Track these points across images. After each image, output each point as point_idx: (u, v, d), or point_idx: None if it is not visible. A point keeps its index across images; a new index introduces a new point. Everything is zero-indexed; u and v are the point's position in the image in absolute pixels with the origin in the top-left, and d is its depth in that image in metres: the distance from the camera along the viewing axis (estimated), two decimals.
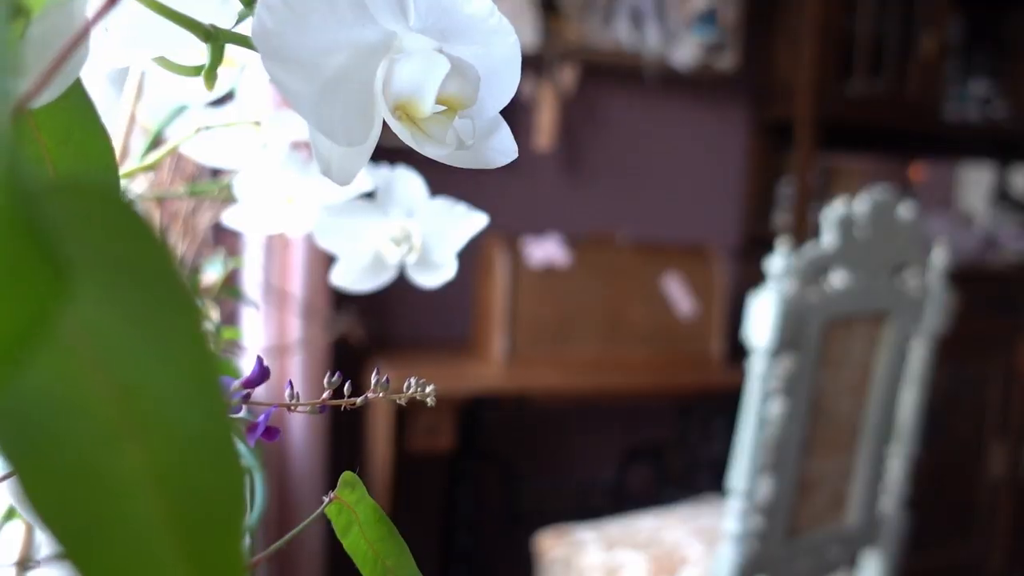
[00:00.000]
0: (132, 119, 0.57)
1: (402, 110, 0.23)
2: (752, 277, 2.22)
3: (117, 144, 0.57)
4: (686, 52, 2.20)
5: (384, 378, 0.29)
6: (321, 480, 1.90)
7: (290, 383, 0.25)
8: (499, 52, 0.26)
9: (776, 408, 1.28)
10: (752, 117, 2.46)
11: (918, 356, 1.47)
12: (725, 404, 1.98)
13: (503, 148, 0.26)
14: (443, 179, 2.25)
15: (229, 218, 0.49)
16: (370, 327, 2.17)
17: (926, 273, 1.44)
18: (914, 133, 2.43)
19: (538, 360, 1.91)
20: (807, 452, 1.36)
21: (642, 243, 2.10)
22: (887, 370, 1.43)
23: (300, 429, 1.84)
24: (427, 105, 0.23)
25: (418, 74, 0.22)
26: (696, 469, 2.23)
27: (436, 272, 0.46)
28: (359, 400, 0.28)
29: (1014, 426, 2.43)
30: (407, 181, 0.49)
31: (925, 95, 2.31)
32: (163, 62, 0.25)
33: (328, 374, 0.33)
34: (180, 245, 0.78)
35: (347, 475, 0.25)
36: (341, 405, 0.27)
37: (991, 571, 2.48)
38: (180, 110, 0.56)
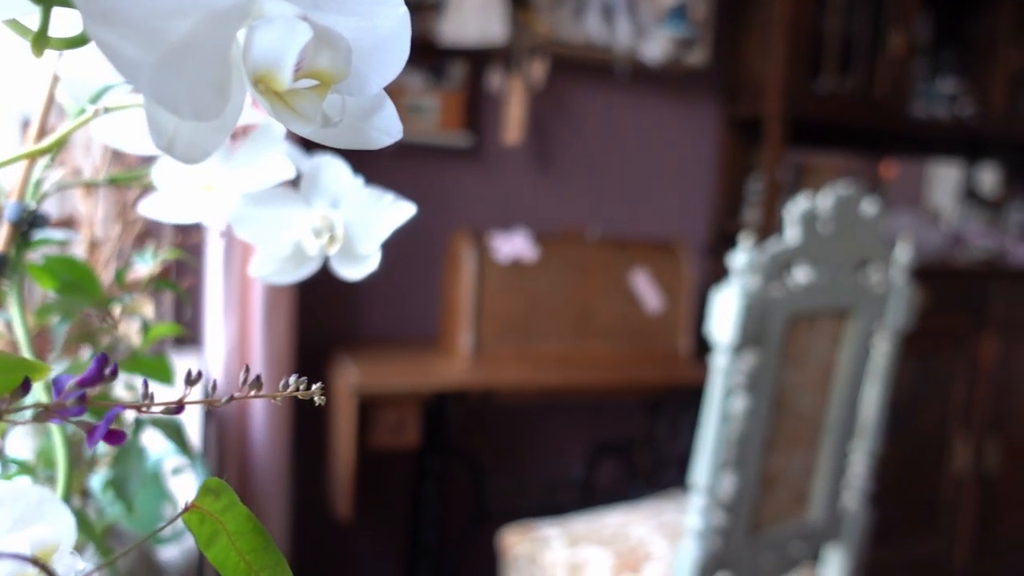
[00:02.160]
0: (50, 100, 0.55)
1: (263, 82, 0.21)
2: (721, 273, 2.22)
3: (33, 126, 0.54)
4: (656, 47, 2.19)
5: (256, 376, 0.27)
6: (284, 478, 1.87)
7: (144, 382, 0.23)
8: (385, 25, 0.24)
9: (739, 404, 1.27)
10: (722, 113, 2.45)
11: (881, 352, 1.47)
12: (693, 400, 1.97)
13: (387, 128, 0.24)
14: (411, 172, 2.23)
15: (146, 207, 0.47)
16: (337, 323, 2.14)
17: (889, 269, 1.44)
18: (883, 130, 2.44)
19: (505, 356, 1.89)
20: (770, 448, 1.36)
21: (611, 239, 2.09)
22: (850, 366, 1.43)
23: (262, 426, 1.81)
24: (285, 77, 0.21)
25: (276, 43, 0.20)
26: (664, 465, 2.23)
27: (360, 264, 0.44)
28: (223, 400, 0.26)
29: (978, 421, 2.46)
30: (333, 169, 0.47)
31: (893, 92, 2.32)
32: (15, 26, 0.23)
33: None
34: (116, 235, 0.75)
35: (211, 481, 0.23)
36: (207, 404, 0.25)
37: (955, 565, 2.50)
38: (105, 90, 0.53)
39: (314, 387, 0.26)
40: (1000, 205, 2.83)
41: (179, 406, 0.22)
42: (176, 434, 0.58)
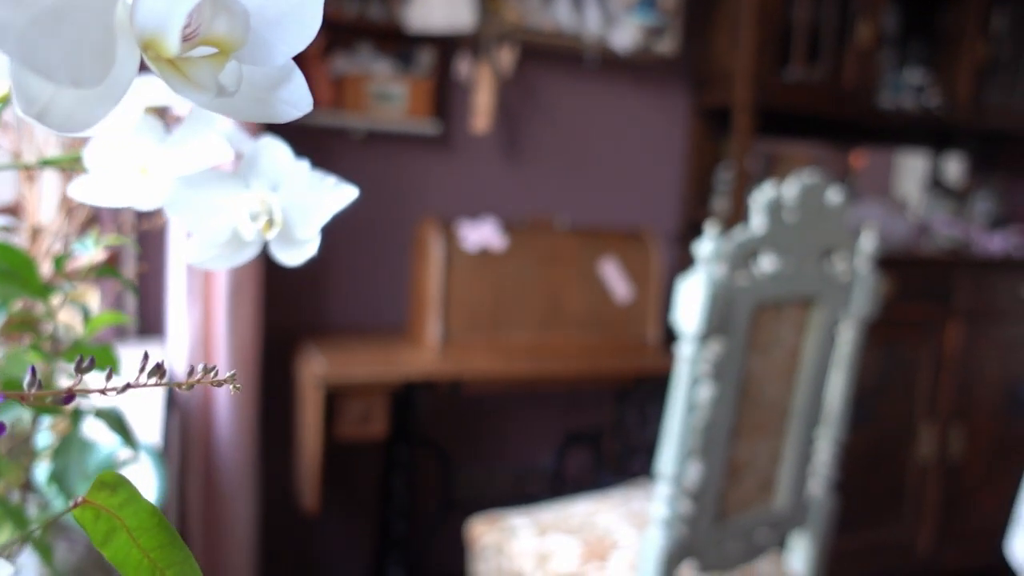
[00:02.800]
0: None
1: (152, 48, 0.20)
2: (691, 262, 2.22)
3: None
4: (626, 35, 2.18)
5: (156, 363, 0.25)
6: (251, 469, 1.85)
7: (32, 370, 0.22)
8: None
9: (705, 393, 1.27)
10: (692, 102, 2.45)
11: (846, 340, 1.48)
12: (662, 388, 1.97)
13: (295, 100, 0.23)
14: (378, 160, 2.19)
15: (76, 190, 0.45)
16: (305, 312, 2.12)
17: (855, 257, 1.45)
18: (850, 120, 2.45)
19: (474, 345, 1.88)
20: (736, 436, 1.36)
21: (580, 228, 2.08)
22: (816, 354, 1.43)
23: (227, 417, 1.78)
24: (172, 42, 0.19)
25: (162, 5, 0.19)
26: (633, 454, 2.23)
27: (298, 249, 0.43)
28: (120, 388, 0.24)
29: (943, 409, 2.49)
30: (274, 152, 0.45)
31: (861, 83, 2.33)
32: None
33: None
34: (59, 221, 0.73)
35: (106, 475, 0.22)
36: (99, 392, 0.24)
37: (920, 551, 2.54)
38: None
39: (227, 374, 0.25)
40: (966, 195, 2.86)
41: (69, 395, 0.21)
42: (117, 424, 0.57)
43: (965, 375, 2.50)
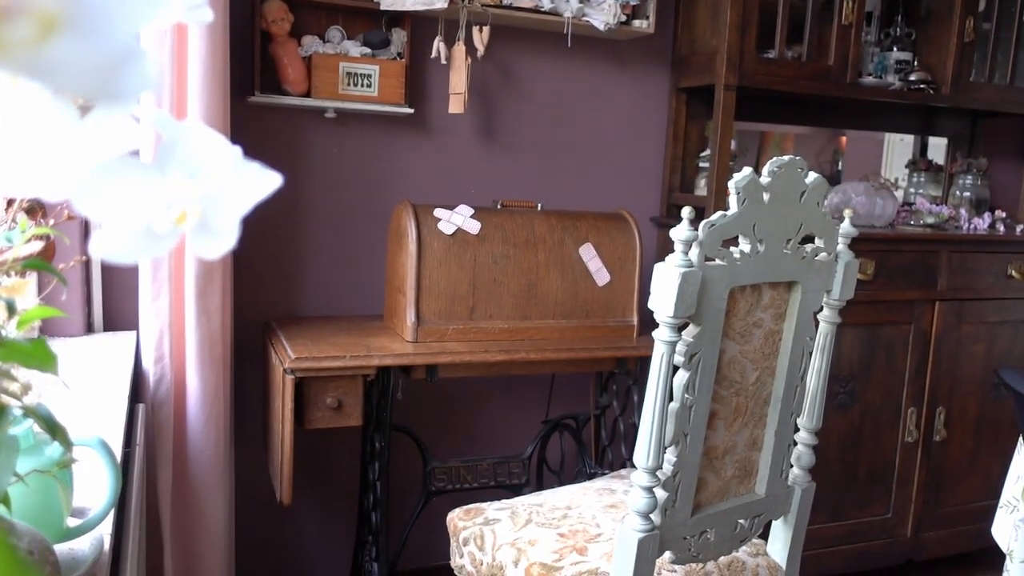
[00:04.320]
0: None
1: None
2: (673, 246, 2.19)
3: None
4: (606, 13, 2.14)
5: None
6: (223, 460, 1.82)
7: None
8: None
9: (681, 379, 1.25)
10: (673, 82, 2.42)
11: (826, 323, 1.46)
12: (643, 375, 1.95)
13: (136, 81, 0.20)
14: (352, 142, 2.13)
15: None
16: (279, 300, 2.08)
17: (834, 240, 1.42)
18: (833, 100, 2.42)
19: (450, 332, 1.86)
20: (713, 423, 1.34)
21: (560, 211, 2.05)
22: (795, 338, 1.41)
23: (198, 410, 1.75)
24: None
25: None
26: (616, 441, 2.21)
27: (217, 240, 0.40)
28: None
29: (927, 390, 2.48)
30: (194, 137, 0.42)
31: (844, 62, 2.30)
32: None
33: None
34: None
35: None
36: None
37: (904, 533, 2.54)
38: None
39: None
40: (952, 175, 2.84)
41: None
42: (45, 422, 0.54)
43: (949, 356, 2.49)
